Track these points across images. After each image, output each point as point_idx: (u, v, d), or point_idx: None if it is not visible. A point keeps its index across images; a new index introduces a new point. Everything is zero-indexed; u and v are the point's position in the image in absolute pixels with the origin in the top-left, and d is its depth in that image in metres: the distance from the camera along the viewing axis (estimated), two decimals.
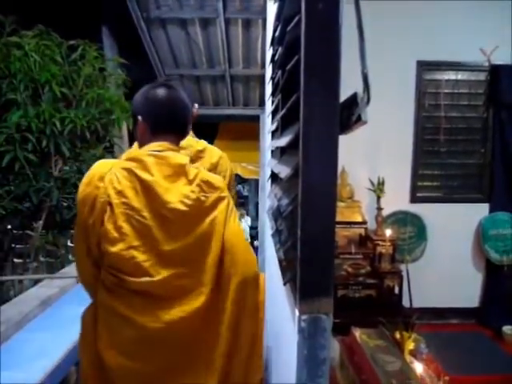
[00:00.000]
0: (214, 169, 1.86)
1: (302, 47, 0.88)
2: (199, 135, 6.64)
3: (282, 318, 1.42)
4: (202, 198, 1.23)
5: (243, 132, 6.37)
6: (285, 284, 1.12)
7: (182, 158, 1.27)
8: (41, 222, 3.54)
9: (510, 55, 2.90)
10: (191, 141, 1.84)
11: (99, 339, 1.24)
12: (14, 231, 3.79)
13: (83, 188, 1.22)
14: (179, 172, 1.23)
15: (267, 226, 2.63)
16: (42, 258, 3.93)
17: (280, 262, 1.28)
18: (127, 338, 1.22)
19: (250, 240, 7.50)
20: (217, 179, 1.31)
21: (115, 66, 4.19)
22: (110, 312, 1.24)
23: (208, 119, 6.06)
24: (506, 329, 2.76)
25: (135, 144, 1.40)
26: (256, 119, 5.26)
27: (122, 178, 1.19)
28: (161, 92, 1.29)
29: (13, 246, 3.77)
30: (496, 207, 3.14)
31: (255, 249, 6.87)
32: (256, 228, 7.01)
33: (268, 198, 2.21)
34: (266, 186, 3.16)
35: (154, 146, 1.25)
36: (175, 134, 1.31)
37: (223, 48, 4.54)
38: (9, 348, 1.71)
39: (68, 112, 3.25)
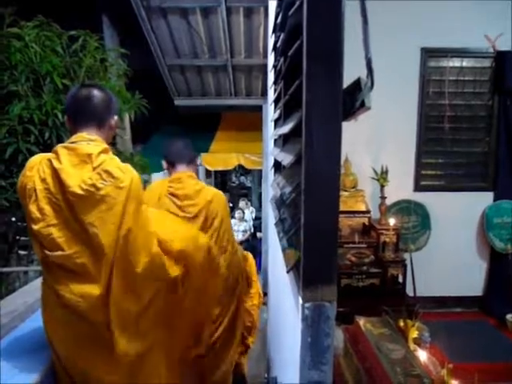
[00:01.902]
0: (207, 206, 1.99)
1: (304, 31, 0.86)
2: (202, 126, 6.59)
3: (285, 306, 1.42)
4: (99, 185, 1.35)
5: (246, 122, 6.34)
6: (288, 272, 1.12)
7: (91, 148, 1.41)
8: None
9: None
10: (192, 183, 2.05)
11: (44, 312, 1.43)
12: (19, 223, 3.80)
13: (20, 178, 1.41)
14: (86, 160, 1.39)
15: (270, 216, 2.62)
16: None
17: (283, 250, 1.28)
18: (56, 308, 1.39)
19: (252, 231, 7.49)
20: (119, 170, 1.40)
21: (116, 56, 4.16)
22: (45, 285, 1.43)
23: (210, 109, 6.04)
24: (510, 317, 2.75)
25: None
26: (258, 109, 5.23)
27: (45, 168, 1.38)
28: (76, 90, 1.51)
29: (17, 237, 3.78)
30: (500, 195, 3.12)
31: (258, 240, 6.88)
32: (259, 219, 7.01)
33: (271, 187, 2.20)
34: (269, 176, 3.15)
35: (73, 137, 1.45)
36: (90, 125, 1.48)
37: (225, 37, 4.50)
38: (15, 338, 1.72)
39: None
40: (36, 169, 1.38)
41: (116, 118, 1.58)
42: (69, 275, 1.36)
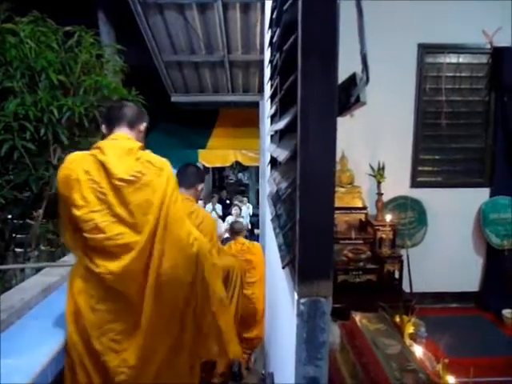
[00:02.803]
0: (200, 224, 2.28)
1: (299, 26, 0.85)
2: (199, 122, 6.58)
3: (281, 302, 1.42)
4: (144, 171, 1.61)
5: (243, 119, 6.32)
6: (284, 267, 1.12)
7: (131, 143, 1.70)
8: (41, 211, 3.54)
9: None
10: (187, 206, 2.27)
11: (75, 285, 1.64)
12: (15, 221, 3.79)
13: (60, 171, 1.62)
14: (128, 153, 1.64)
15: (267, 213, 2.62)
16: (42, 247, 3.93)
17: (279, 246, 1.28)
18: (88, 283, 1.62)
19: (249, 227, 7.50)
20: (158, 161, 1.69)
21: (113, 52, 4.13)
22: (79, 265, 1.66)
23: (207, 106, 6.02)
24: (506, 312, 2.77)
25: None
26: (256, 105, 5.21)
27: (88, 161, 1.60)
28: (112, 103, 1.96)
29: (14, 235, 3.77)
30: (497, 191, 3.13)
31: (256, 237, 6.89)
32: (257, 215, 7.01)
33: (268, 183, 2.20)
34: (266, 172, 3.15)
35: (112, 136, 1.72)
36: (124, 127, 1.75)
37: (221, 33, 4.48)
38: (11, 335, 1.72)
39: (66, 100, 3.22)
40: (78, 162, 1.60)
41: (145, 125, 1.84)
42: (98, 255, 1.59)
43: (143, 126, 1.83)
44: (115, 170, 1.56)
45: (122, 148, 1.64)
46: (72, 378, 1.63)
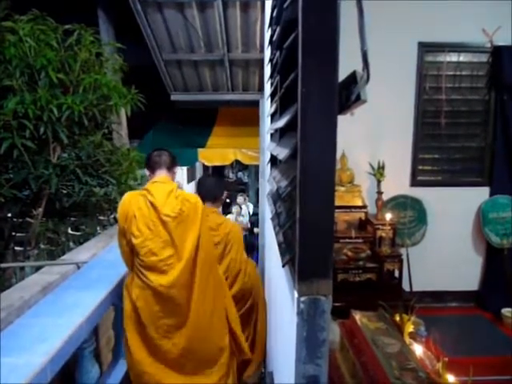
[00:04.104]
0: (226, 236, 2.61)
1: (300, 24, 0.85)
2: (199, 121, 6.58)
3: (281, 301, 1.42)
4: (183, 208, 2.11)
5: (243, 117, 6.31)
6: (283, 266, 1.11)
7: (171, 185, 2.19)
8: (40, 210, 3.53)
9: None
10: (215, 218, 2.65)
11: (133, 292, 2.12)
12: (14, 219, 3.78)
13: (121, 207, 2.12)
14: (170, 194, 2.12)
15: (267, 212, 2.62)
16: (42, 246, 3.93)
17: (279, 244, 1.27)
18: (145, 291, 2.09)
19: (249, 226, 7.49)
20: (192, 197, 2.20)
21: (112, 50, 4.12)
22: (136, 277, 2.12)
23: (207, 105, 6.01)
24: (505, 311, 2.77)
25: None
26: (255, 104, 5.20)
27: (140, 200, 2.10)
28: (153, 151, 2.32)
29: (13, 233, 3.77)
30: (496, 190, 3.13)
31: (256, 236, 6.88)
32: (256, 214, 7.00)
33: (268, 182, 2.20)
34: (266, 171, 3.14)
35: (155, 178, 2.22)
36: (163, 170, 2.24)
37: (221, 31, 4.47)
38: (10, 333, 1.72)
39: (65, 98, 3.21)
40: (133, 202, 2.10)
41: (177, 167, 2.35)
42: (150, 272, 2.06)
43: (176, 169, 2.34)
44: (162, 209, 2.06)
45: (165, 190, 2.12)
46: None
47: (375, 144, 3.03)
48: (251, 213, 8.45)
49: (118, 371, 2.52)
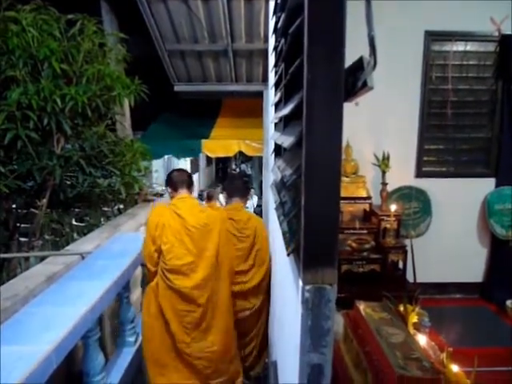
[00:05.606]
0: (254, 230, 2.81)
1: (306, 9, 0.83)
2: (203, 112, 6.55)
3: (286, 290, 1.42)
4: (207, 222, 2.44)
5: (246, 108, 6.28)
6: (288, 255, 1.11)
7: (194, 201, 2.61)
8: (45, 201, 3.55)
9: None
10: (244, 213, 2.92)
11: (159, 293, 2.38)
12: (19, 210, 3.80)
13: (152, 218, 2.44)
14: (194, 208, 2.49)
15: (271, 202, 2.62)
16: (47, 236, 3.96)
17: (284, 233, 1.27)
18: (170, 292, 2.36)
19: None
20: (214, 211, 2.61)
21: (115, 41, 4.10)
22: (162, 280, 2.38)
23: (211, 95, 5.98)
24: (510, 303, 2.75)
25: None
26: (259, 95, 5.17)
27: (168, 213, 2.43)
28: (173, 171, 2.71)
29: (18, 224, 3.78)
30: (502, 182, 3.10)
31: None
32: (260, 206, 6.99)
33: (272, 171, 2.19)
34: (270, 162, 3.13)
35: (180, 195, 2.56)
36: (185, 188, 2.58)
37: (225, 22, 4.43)
38: (15, 322, 1.73)
39: (68, 89, 3.20)
40: (162, 213, 2.43)
41: (195, 186, 2.56)
42: (174, 275, 2.34)
43: (194, 187, 2.68)
44: (189, 221, 2.39)
45: (190, 204, 2.50)
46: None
47: (380, 134, 3.00)
48: (255, 205, 8.44)
49: (123, 360, 2.54)
